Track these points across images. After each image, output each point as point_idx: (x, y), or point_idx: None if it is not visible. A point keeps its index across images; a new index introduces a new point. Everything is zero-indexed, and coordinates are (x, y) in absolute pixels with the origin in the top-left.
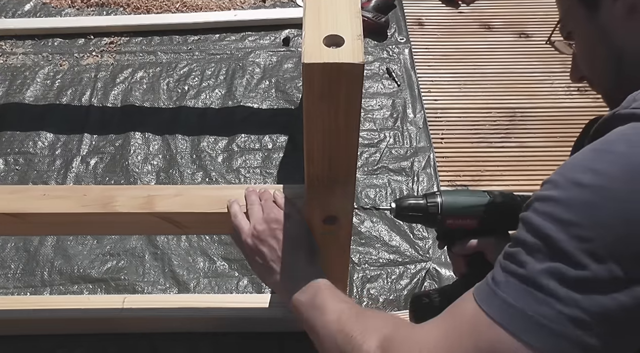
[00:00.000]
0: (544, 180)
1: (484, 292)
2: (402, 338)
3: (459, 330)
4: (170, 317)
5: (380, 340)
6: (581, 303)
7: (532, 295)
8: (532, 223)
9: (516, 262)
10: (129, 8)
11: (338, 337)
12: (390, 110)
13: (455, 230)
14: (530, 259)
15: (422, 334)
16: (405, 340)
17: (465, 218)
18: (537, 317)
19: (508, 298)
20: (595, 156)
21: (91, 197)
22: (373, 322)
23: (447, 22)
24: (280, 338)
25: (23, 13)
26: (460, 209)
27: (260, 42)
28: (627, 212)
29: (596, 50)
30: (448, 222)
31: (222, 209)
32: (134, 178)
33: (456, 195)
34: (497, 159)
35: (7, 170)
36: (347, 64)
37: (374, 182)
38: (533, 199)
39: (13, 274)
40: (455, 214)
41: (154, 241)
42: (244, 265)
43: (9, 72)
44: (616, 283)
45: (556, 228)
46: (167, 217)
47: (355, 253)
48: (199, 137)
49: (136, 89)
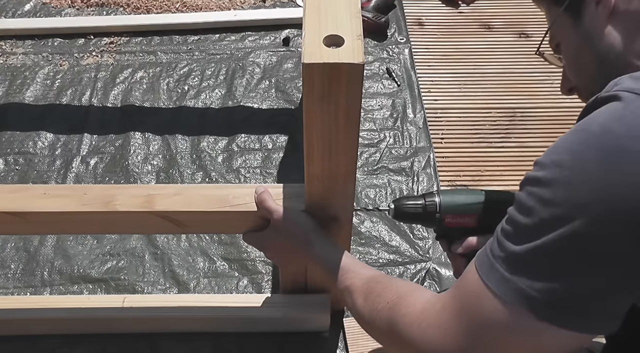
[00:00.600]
0: (535, 161)
1: (484, 265)
2: (413, 298)
3: (465, 301)
4: (170, 317)
5: (393, 297)
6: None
7: (523, 270)
8: (521, 202)
9: (510, 238)
10: (129, 8)
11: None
12: (390, 110)
13: (454, 229)
14: (520, 236)
15: (431, 299)
16: (415, 301)
17: (463, 217)
18: (528, 290)
19: (505, 273)
20: (574, 137)
21: (91, 196)
22: (396, 283)
23: (447, 22)
24: (280, 338)
25: (23, 13)
26: (458, 207)
27: (260, 42)
28: (600, 193)
29: (582, 58)
30: (447, 221)
31: (221, 208)
32: (134, 178)
33: (454, 194)
34: (497, 159)
35: (7, 170)
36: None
37: (374, 182)
38: (524, 180)
39: (13, 274)
40: (453, 212)
41: (154, 241)
42: (244, 265)
43: (9, 72)
44: None
45: (540, 207)
46: (167, 216)
47: (356, 253)
48: (199, 137)
49: (136, 89)
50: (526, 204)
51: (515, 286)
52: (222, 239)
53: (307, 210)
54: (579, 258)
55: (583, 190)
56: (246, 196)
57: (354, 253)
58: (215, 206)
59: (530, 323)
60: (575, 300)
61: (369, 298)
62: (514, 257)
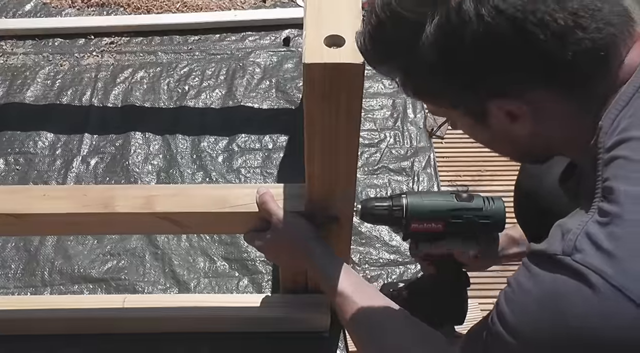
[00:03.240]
0: (503, 310)
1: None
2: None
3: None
4: (170, 317)
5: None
6: None
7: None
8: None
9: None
10: (129, 8)
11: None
12: (390, 110)
13: (421, 234)
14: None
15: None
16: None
17: (430, 222)
18: None
19: None
20: (550, 320)
21: (91, 197)
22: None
23: None
24: (280, 338)
25: (23, 13)
26: (425, 213)
27: (261, 42)
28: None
29: (496, 145)
30: (413, 226)
31: (221, 208)
32: (134, 178)
33: (422, 198)
34: (497, 159)
35: (8, 170)
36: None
37: (374, 182)
38: (492, 321)
39: (13, 274)
40: (420, 218)
41: (155, 241)
42: (245, 265)
43: (10, 72)
44: None
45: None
46: (167, 217)
47: (356, 253)
48: (199, 137)
49: (136, 89)
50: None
51: None
52: (223, 239)
53: (308, 210)
54: None
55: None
56: (246, 197)
57: (354, 253)
58: (215, 207)
59: None
60: None
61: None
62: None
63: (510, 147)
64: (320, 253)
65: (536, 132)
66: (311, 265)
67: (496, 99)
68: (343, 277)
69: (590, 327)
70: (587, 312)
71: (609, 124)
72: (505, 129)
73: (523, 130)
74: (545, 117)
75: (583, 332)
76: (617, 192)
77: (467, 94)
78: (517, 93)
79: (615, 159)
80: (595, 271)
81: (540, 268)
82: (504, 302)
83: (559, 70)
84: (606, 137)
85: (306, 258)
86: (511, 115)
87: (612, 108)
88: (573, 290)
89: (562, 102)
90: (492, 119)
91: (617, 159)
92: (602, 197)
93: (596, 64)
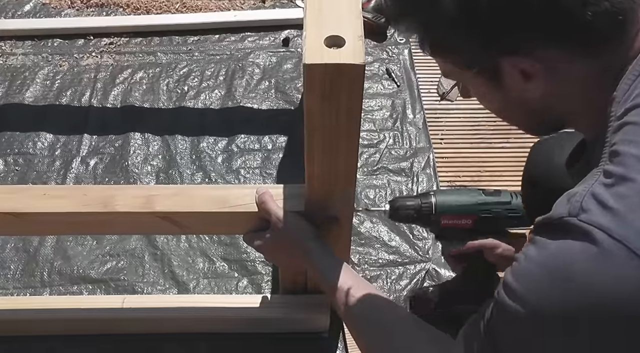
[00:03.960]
0: (509, 280)
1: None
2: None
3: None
4: (169, 318)
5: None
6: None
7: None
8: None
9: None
10: (128, 9)
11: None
12: (389, 110)
13: (450, 230)
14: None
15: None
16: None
17: (459, 218)
18: None
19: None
20: (555, 285)
21: (91, 197)
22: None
23: None
24: (280, 338)
25: (23, 14)
26: (454, 208)
27: (260, 43)
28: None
29: (509, 111)
30: (443, 222)
31: (220, 209)
32: (133, 178)
33: (450, 195)
34: (497, 159)
35: (7, 170)
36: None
37: (374, 182)
38: (497, 299)
39: (13, 275)
40: (449, 213)
41: (154, 242)
42: (244, 265)
43: (9, 73)
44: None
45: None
46: (166, 216)
47: (355, 253)
48: (198, 137)
49: (136, 89)
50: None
51: None
52: (222, 240)
53: (307, 210)
54: None
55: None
56: (246, 197)
57: (354, 253)
58: (214, 207)
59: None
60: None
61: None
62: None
63: (522, 112)
64: (319, 254)
65: (550, 93)
66: (310, 265)
67: (511, 56)
68: (343, 275)
69: (597, 283)
70: (594, 270)
71: (623, 93)
72: (519, 89)
73: (536, 91)
74: (559, 78)
75: (591, 290)
76: (622, 155)
77: (484, 50)
78: (531, 51)
79: (624, 125)
80: (600, 229)
81: (546, 237)
82: (509, 274)
83: (576, 30)
84: (618, 106)
85: (305, 258)
86: (525, 74)
87: (626, 78)
88: (578, 251)
89: (576, 64)
90: (506, 78)
91: (626, 125)
92: (609, 161)
93: (613, 27)
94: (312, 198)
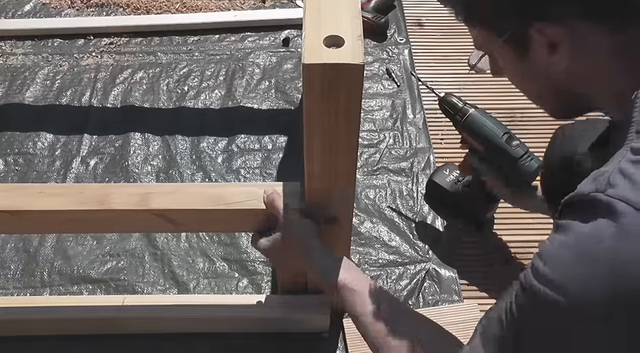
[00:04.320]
0: (539, 256)
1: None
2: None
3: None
4: (169, 318)
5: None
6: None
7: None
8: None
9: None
10: (128, 9)
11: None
12: (389, 110)
13: (469, 141)
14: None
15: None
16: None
17: (475, 140)
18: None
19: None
20: (582, 264)
21: (87, 195)
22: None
23: (447, 22)
24: (280, 338)
25: (23, 14)
26: (473, 130)
27: (260, 43)
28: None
29: (534, 84)
30: (463, 134)
31: (216, 206)
32: (133, 178)
33: (485, 118)
34: None
35: (7, 170)
36: (347, 64)
37: (374, 182)
38: (522, 282)
39: (13, 275)
40: (471, 131)
41: (154, 241)
42: (244, 265)
43: (9, 73)
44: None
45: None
46: (162, 214)
47: (355, 253)
48: (198, 137)
49: (136, 89)
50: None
51: None
52: (222, 240)
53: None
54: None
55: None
56: (242, 195)
57: (354, 253)
58: (210, 204)
59: None
60: None
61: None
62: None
63: (547, 88)
64: (319, 253)
65: (574, 70)
66: (310, 265)
67: (541, 21)
68: (342, 273)
69: (627, 260)
70: (620, 248)
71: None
72: (544, 63)
73: (561, 63)
74: (585, 53)
75: (622, 267)
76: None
77: (516, 17)
78: (564, 19)
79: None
80: (628, 203)
81: (571, 219)
82: (536, 257)
83: (618, 2)
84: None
85: (305, 258)
86: (551, 46)
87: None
88: (604, 226)
89: (605, 38)
90: (533, 46)
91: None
92: (636, 138)
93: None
94: (312, 198)
